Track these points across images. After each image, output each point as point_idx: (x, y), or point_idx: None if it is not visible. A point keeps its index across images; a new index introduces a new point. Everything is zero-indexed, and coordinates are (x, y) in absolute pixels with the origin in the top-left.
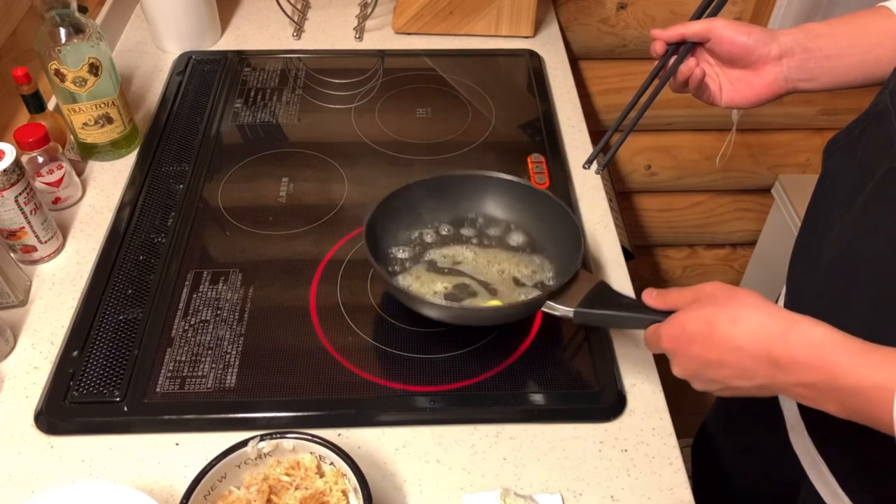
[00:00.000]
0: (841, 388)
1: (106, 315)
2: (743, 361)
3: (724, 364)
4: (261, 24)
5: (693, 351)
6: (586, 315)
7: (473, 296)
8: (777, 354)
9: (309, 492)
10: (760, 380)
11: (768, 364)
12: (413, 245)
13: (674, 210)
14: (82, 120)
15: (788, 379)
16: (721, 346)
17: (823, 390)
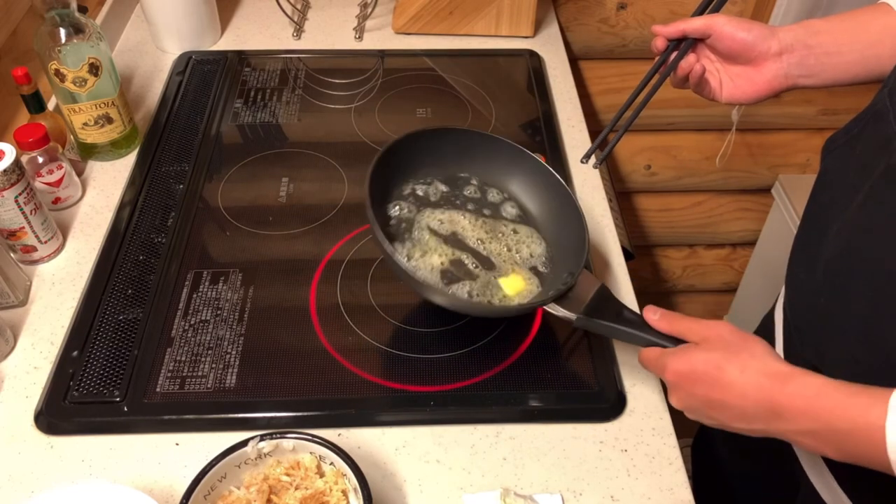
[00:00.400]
0: (836, 432)
1: (106, 315)
2: (745, 406)
3: (727, 406)
4: (261, 24)
5: (698, 390)
6: (588, 323)
7: (470, 276)
8: (777, 403)
9: (309, 492)
10: (759, 425)
11: (769, 412)
12: (409, 200)
13: (674, 210)
14: (82, 120)
15: (787, 427)
16: (726, 391)
17: (821, 436)
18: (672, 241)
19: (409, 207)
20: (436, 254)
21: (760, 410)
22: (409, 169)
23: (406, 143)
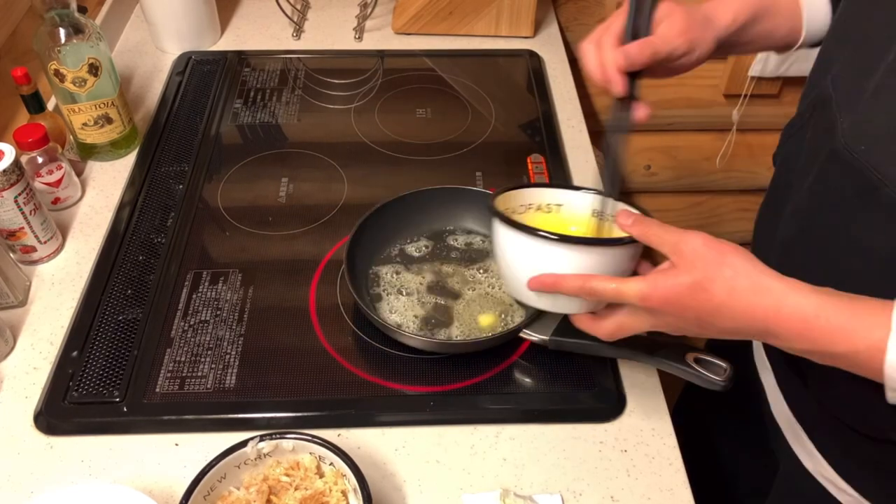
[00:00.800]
0: (834, 355)
1: (105, 315)
2: (738, 327)
3: (717, 326)
4: (260, 24)
5: (688, 314)
6: (561, 343)
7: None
8: (772, 326)
9: (308, 492)
10: (750, 337)
11: (762, 332)
12: (395, 260)
13: (674, 210)
14: (82, 120)
15: (782, 344)
16: (716, 313)
17: (816, 355)
18: None
19: (397, 267)
20: (419, 304)
21: (754, 331)
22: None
23: (386, 210)
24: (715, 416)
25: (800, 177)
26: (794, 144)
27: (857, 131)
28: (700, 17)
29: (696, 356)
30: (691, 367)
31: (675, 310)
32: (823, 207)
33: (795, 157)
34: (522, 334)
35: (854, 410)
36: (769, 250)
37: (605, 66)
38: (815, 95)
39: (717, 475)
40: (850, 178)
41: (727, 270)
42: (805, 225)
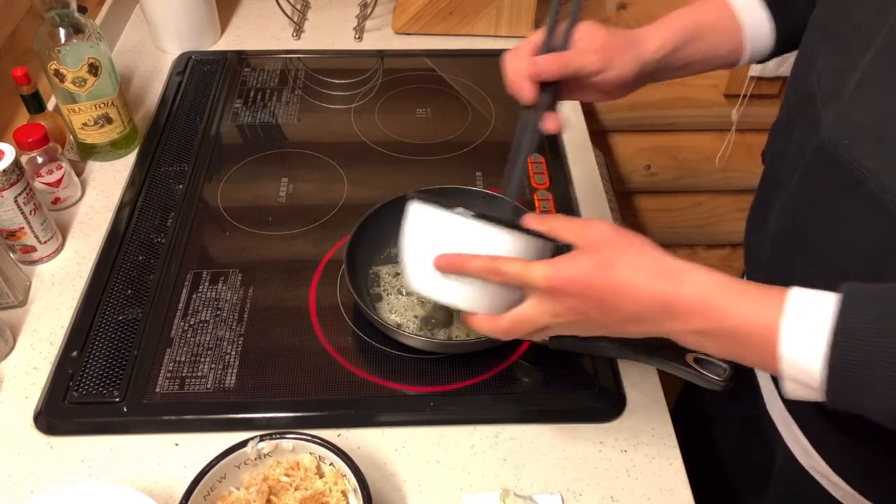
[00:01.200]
0: (728, 332)
1: (105, 315)
2: (639, 309)
3: (619, 309)
4: (260, 24)
5: (591, 294)
6: (560, 343)
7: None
8: (672, 302)
9: (308, 492)
10: (651, 326)
11: (663, 313)
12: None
13: (674, 210)
14: (82, 120)
15: (681, 327)
16: (619, 293)
17: (713, 336)
18: (672, 241)
19: (397, 268)
20: (418, 304)
21: (655, 311)
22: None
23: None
24: (714, 415)
25: (787, 173)
26: (781, 142)
27: (841, 126)
28: (623, 40)
29: (696, 356)
30: (691, 367)
31: (579, 289)
32: (810, 203)
33: (783, 155)
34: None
35: None
36: (760, 247)
37: (517, 73)
38: (799, 92)
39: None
40: (835, 172)
41: (631, 252)
42: (793, 221)
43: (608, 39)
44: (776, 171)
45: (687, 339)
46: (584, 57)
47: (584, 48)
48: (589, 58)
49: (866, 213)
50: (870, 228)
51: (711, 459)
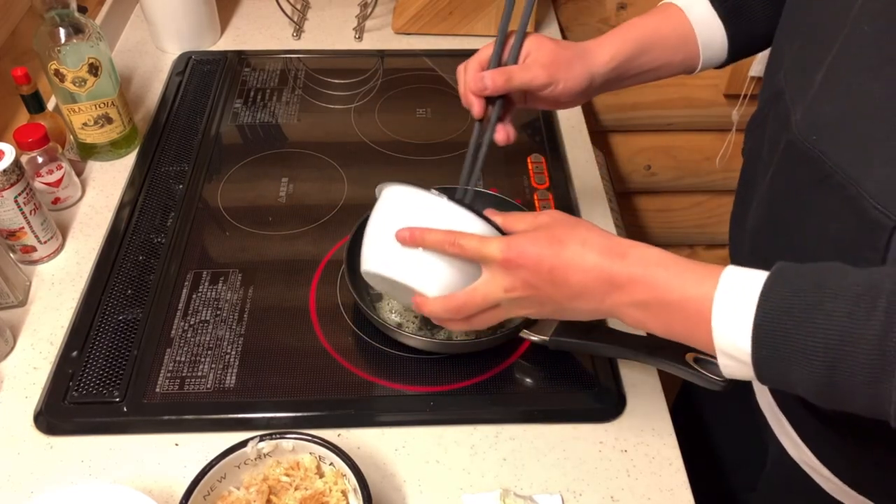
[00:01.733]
0: (666, 304)
1: (105, 315)
2: (586, 282)
3: (568, 284)
4: (260, 24)
5: (542, 267)
6: (560, 342)
7: None
8: (617, 275)
9: (308, 492)
10: (595, 302)
11: (607, 284)
12: None
13: (674, 210)
14: (82, 120)
15: (622, 299)
16: (569, 266)
17: (651, 308)
18: (672, 241)
19: None
20: None
21: (600, 285)
22: None
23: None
24: (713, 414)
25: (762, 169)
26: (756, 138)
27: (808, 122)
28: (571, 53)
29: (696, 356)
30: (691, 367)
31: (533, 262)
32: (784, 197)
33: (758, 151)
34: (522, 334)
35: None
36: (741, 240)
37: (465, 88)
38: (770, 90)
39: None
40: (805, 167)
41: (580, 230)
42: (770, 215)
43: (556, 54)
44: (752, 166)
45: (628, 312)
46: (530, 72)
47: (531, 63)
48: (535, 72)
49: (836, 206)
50: (839, 220)
51: (710, 458)
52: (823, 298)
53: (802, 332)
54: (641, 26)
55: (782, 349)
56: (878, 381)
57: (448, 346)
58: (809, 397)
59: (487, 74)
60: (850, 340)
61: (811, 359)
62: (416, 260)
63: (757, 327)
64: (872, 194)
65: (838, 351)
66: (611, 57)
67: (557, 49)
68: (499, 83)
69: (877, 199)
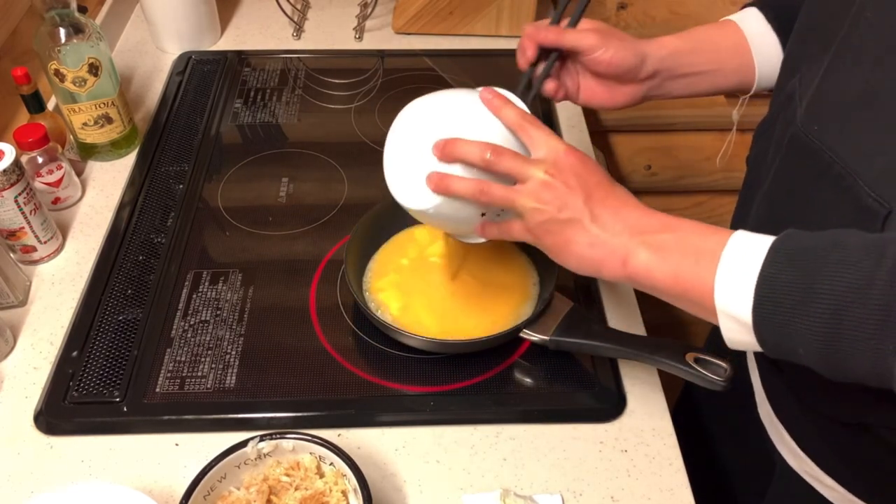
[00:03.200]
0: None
1: (105, 315)
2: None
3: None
4: (261, 24)
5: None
6: (560, 343)
7: None
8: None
9: (309, 492)
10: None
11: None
12: None
13: (674, 210)
14: (82, 120)
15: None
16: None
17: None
18: None
19: None
20: None
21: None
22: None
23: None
24: (714, 416)
25: (766, 169)
26: (763, 143)
27: (811, 112)
28: (627, 35)
29: (696, 356)
30: (691, 367)
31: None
32: (787, 192)
33: (763, 156)
34: (523, 334)
35: (828, 395)
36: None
37: (523, 38)
38: (782, 95)
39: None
40: (808, 159)
41: None
42: (771, 213)
43: (611, 28)
44: (757, 170)
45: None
46: (581, 33)
47: (582, 27)
48: (587, 34)
49: (836, 198)
50: (839, 213)
51: (712, 460)
52: (830, 251)
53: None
54: (695, 30)
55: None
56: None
57: (448, 346)
58: (812, 361)
59: (541, 23)
60: (857, 288)
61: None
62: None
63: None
64: (868, 183)
65: (843, 300)
66: (663, 44)
67: (613, 28)
68: (550, 34)
69: (872, 188)
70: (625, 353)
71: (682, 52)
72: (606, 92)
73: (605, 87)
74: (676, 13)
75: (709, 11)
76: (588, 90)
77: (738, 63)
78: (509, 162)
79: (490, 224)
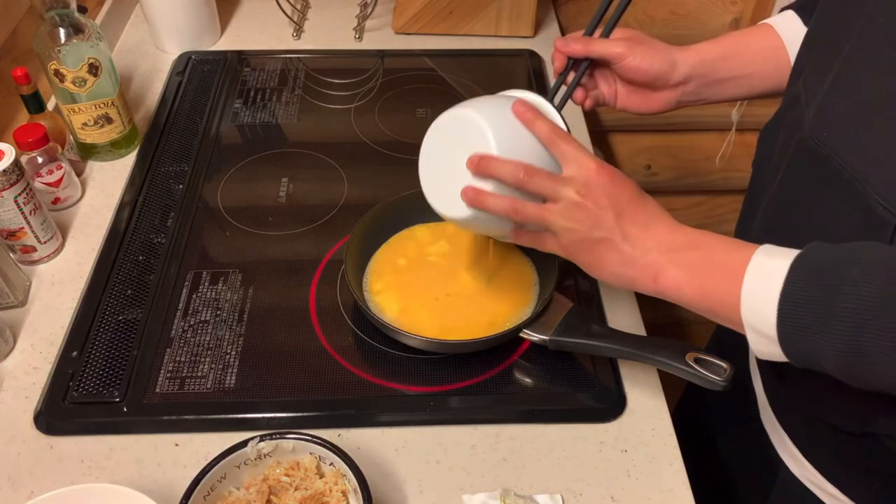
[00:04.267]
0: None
1: (105, 315)
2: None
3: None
4: (261, 24)
5: (628, 191)
6: (560, 343)
7: None
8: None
9: (309, 492)
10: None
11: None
12: None
13: (674, 210)
14: (82, 120)
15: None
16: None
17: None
18: None
19: None
20: None
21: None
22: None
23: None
24: (715, 417)
25: (772, 173)
26: (768, 146)
27: (820, 119)
28: (659, 43)
29: (697, 356)
30: (691, 367)
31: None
32: (792, 199)
33: (768, 159)
34: (523, 334)
35: (832, 403)
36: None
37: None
38: (788, 98)
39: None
40: (815, 165)
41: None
42: (777, 218)
43: (643, 37)
44: (762, 174)
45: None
46: (610, 42)
47: (615, 37)
48: (615, 43)
49: (842, 204)
50: (848, 219)
51: (713, 461)
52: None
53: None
54: (729, 36)
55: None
56: None
57: (448, 347)
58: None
59: (574, 34)
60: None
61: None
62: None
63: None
64: (879, 191)
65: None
66: (695, 51)
67: (646, 36)
68: (578, 46)
69: (883, 197)
70: (625, 353)
71: (715, 58)
72: (640, 98)
73: (639, 93)
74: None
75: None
76: (623, 96)
77: (774, 66)
78: (541, 182)
79: (522, 232)
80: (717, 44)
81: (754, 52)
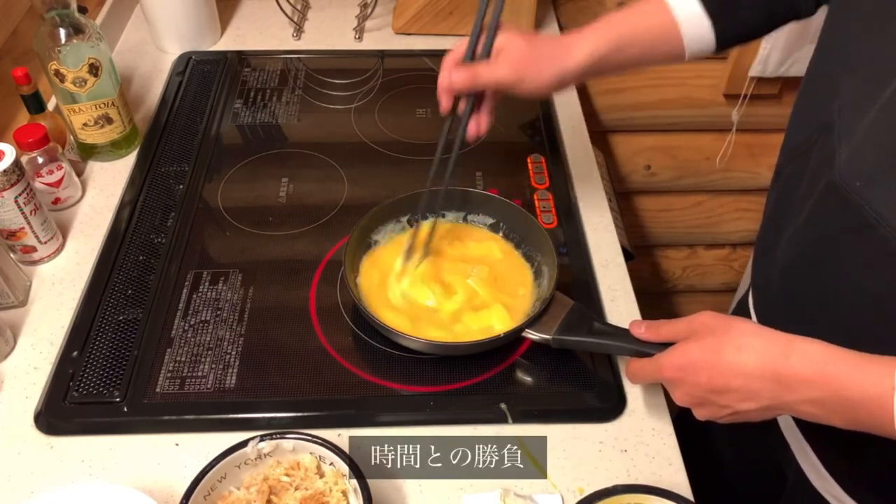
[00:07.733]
0: (846, 401)
1: (106, 315)
2: (750, 385)
3: (731, 389)
4: (261, 25)
5: (700, 379)
6: (563, 341)
7: None
8: (782, 373)
9: (309, 492)
10: (766, 401)
11: (774, 383)
12: None
13: (674, 210)
14: (82, 120)
15: (794, 397)
16: (728, 373)
17: (828, 405)
18: (672, 241)
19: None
20: None
21: (766, 385)
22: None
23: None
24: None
25: (800, 201)
26: (798, 165)
27: (853, 166)
28: (542, 52)
29: None
30: None
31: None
32: (819, 238)
33: (798, 181)
34: (525, 334)
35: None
36: (768, 274)
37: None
38: (819, 119)
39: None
40: (844, 213)
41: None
42: (802, 253)
43: (527, 52)
44: (790, 195)
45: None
46: (496, 71)
47: (501, 60)
48: (502, 71)
49: (875, 258)
50: (878, 273)
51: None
52: None
53: None
54: (622, 23)
55: None
56: None
57: (447, 347)
58: None
59: (455, 73)
60: None
61: None
62: None
63: None
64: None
65: None
66: (587, 55)
67: (529, 47)
68: (465, 82)
69: None
70: (627, 350)
71: (609, 51)
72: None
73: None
74: None
75: None
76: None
77: (665, 51)
78: None
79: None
80: (611, 29)
81: (646, 41)
